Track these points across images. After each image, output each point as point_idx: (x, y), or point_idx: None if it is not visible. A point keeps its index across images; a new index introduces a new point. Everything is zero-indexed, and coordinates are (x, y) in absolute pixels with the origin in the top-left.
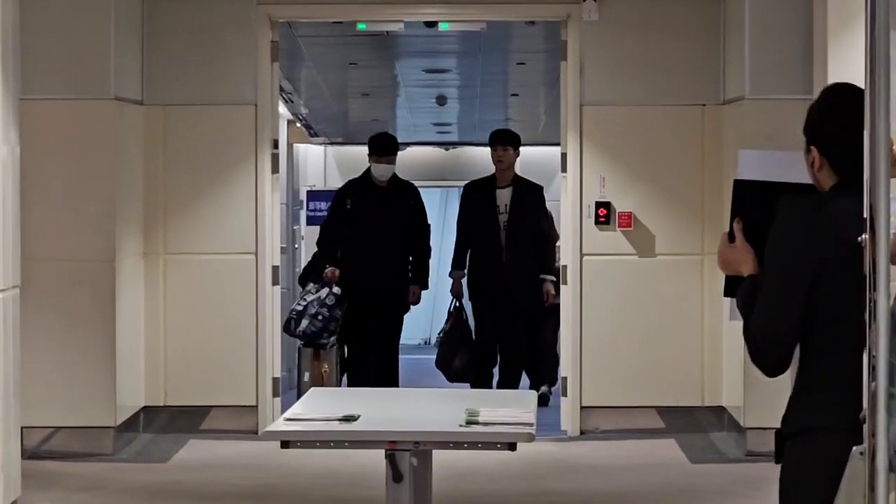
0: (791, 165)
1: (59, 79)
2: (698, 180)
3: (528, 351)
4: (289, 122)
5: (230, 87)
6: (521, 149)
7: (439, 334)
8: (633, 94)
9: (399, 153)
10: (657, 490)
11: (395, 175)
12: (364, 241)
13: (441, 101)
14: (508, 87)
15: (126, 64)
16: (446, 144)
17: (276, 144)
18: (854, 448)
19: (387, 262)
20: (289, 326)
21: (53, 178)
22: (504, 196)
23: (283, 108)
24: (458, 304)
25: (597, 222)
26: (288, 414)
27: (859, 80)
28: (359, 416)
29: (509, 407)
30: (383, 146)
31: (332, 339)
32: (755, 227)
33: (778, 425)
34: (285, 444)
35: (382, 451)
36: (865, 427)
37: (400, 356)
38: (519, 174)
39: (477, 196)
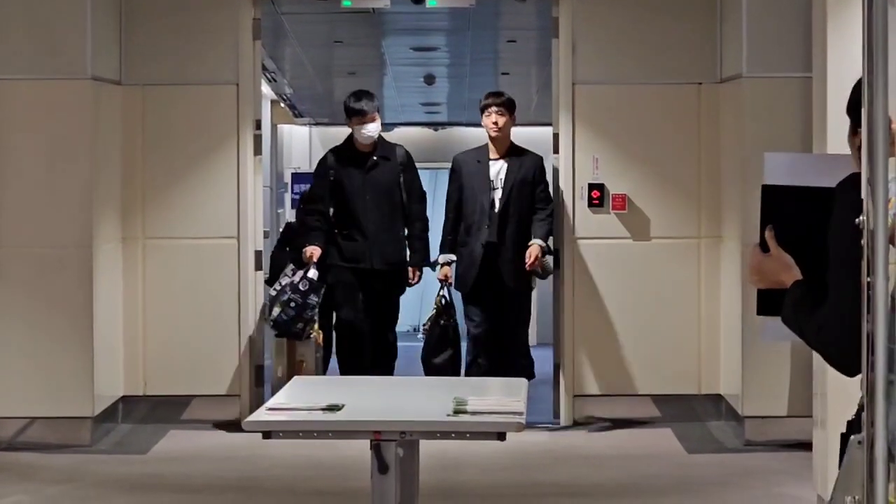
0: (823, 169)
1: (35, 58)
2: (694, 161)
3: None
4: (272, 102)
5: (211, 66)
6: (514, 129)
7: (424, 325)
8: (628, 72)
9: (386, 133)
10: (653, 481)
11: (381, 137)
12: (351, 215)
13: (429, 80)
14: (499, 66)
15: (103, 43)
16: (435, 125)
17: (258, 125)
18: (852, 437)
19: (380, 236)
20: (264, 313)
21: (28, 161)
22: (499, 169)
23: (266, 88)
24: (444, 294)
25: (590, 205)
26: (270, 403)
27: (858, 57)
28: (343, 406)
29: (499, 395)
30: (362, 111)
31: (308, 328)
32: (788, 235)
33: (778, 413)
34: (267, 435)
35: (368, 442)
36: (864, 415)
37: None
38: (516, 143)
39: (468, 170)
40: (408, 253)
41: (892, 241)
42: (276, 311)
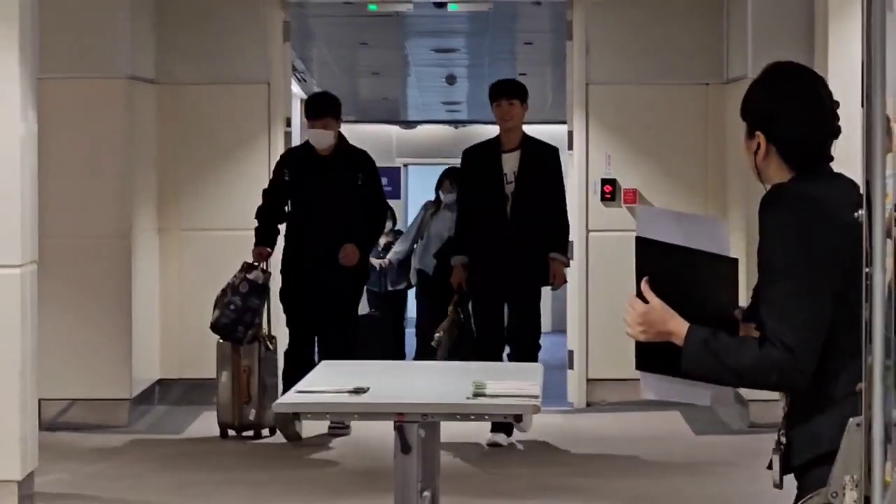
0: (694, 230)
1: (75, 58)
2: (701, 158)
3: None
4: (302, 100)
5: (243, 66)
6: (529, 127)
7: (437, 334)
8: (638, 73)
9: (407, 132)
10: (662, 461)
11: (343, 141)
12: (304, 220)
13: (450, 80)
14: (516, 67)
15: (140, 43)
16: (456, 122)
17: (288, 122)
18: (851, 419)
19: (328, 245)
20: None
21: (69, 155)
22: (511, 162)
23: (295, 87)
24: (457, 299)
25: (602, 199)
26: (299, 386)
27: (858, 58)
28: (368, 389)
29: (516, 379)
30: (316, 106)
31: (250, 332)
32: (661, 287)
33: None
34: (296, 416)
35: (391, 423)
36: (862, 399)
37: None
38: (529, 134)
39: (479, 163)
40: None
41: (889, 234)
42: (217, 313)
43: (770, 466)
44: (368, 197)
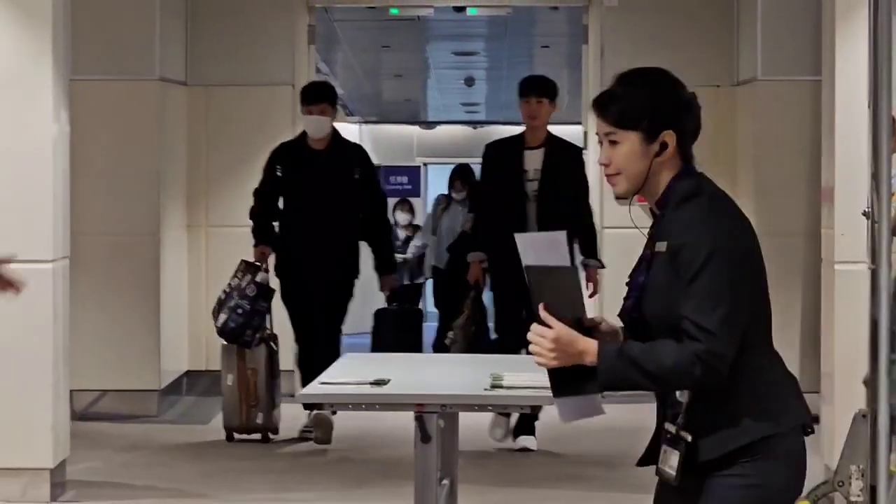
0: (551, 247)
1: (108, 60)
2: (711, 157)
3: None
4: None
5: (269, 68)
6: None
7: (450, 332)
8: None
9: (427, 132)
10: None
11: (338, 136)
12: (299, 217)
13: (469, 82)
14: (534, 69)
15: (171, 46)
16: (474, 123)
17: None
18: (857, 411)
19: (326, 241)
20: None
21: (101, 155)
22: (534, 159)
23: None
24: (473, 296)
25: (616, 197)
26: (322, 377)
27: (865, 61)
28: (389, 381)
29: (532, 372)
30: (312, 92)
31: (258, 335)
32: (553, 310)
33: None
34: (319, 407)
35: (411, 414)
36: (868, 392)
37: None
38: (553, 133)
39: (500, 159)
40: (361, 261)
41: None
42: (223, 317)
43: (644, 462)
44: (367, 193)
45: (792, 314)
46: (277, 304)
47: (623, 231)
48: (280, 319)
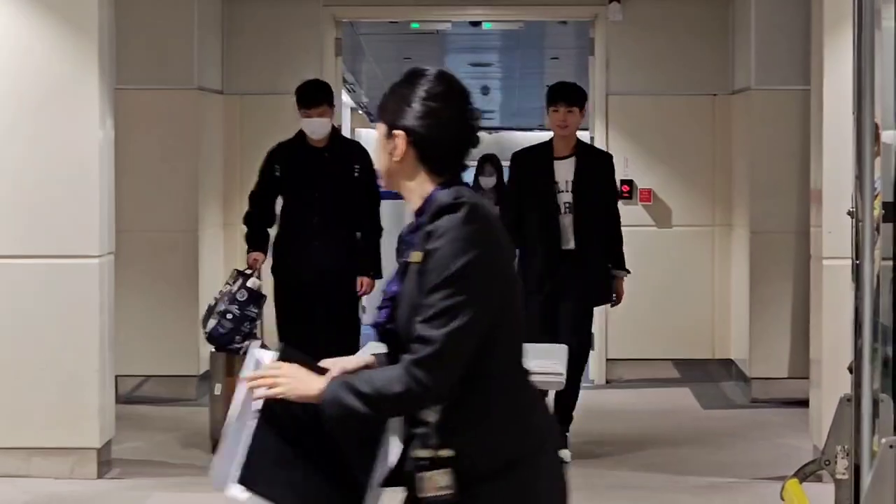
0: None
1: (149, 71)
2: (710, 161)
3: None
4: (352, 109)
5: (299, 78)
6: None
7: None
8: (653, 85)
9: None
10: (673, 432)
11: (337, 133)
12: (300, 217)
13: (485, 91)
14: (544, 79)
15: (208, 58)
16: (489, 129)
17: (338, 126)
18: (842, 395)
19: (327, 242)
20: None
21: (143, 158)
22: (565, 170)
23: (346, 97)
24: None
25: (621, 197)
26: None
27: (850, 72)
28: None
29: (541, 359)
30: (312, 94)
31: (248, 343)
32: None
33: (781, 375)
34: None
35: None
36: (852, 377)
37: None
38: (583, 141)
39: (529, 169)
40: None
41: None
42: (212, 322)
43: (392, 483)
44: (366, 190)
45: (783, 306)
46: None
47: (625, 229)
48: (268, 324)
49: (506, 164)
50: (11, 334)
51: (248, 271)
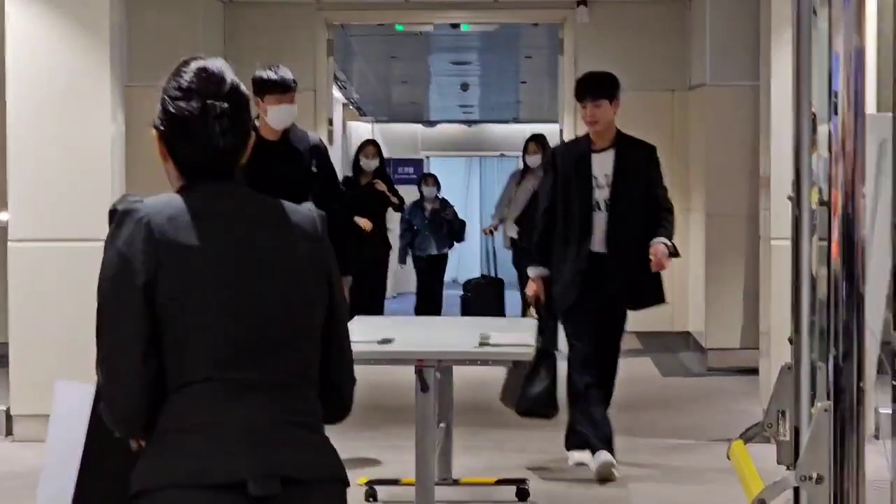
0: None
1: (158, 69)
2: (669, 151)
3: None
4: (343, 104)
5: (294, 76)
6: (531, 125)
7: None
8: None
9: (429, 129)
10: (636, 398)
11: (292, 126)
12: None
13: (465, 87)
14: (519, 76)
15: (211, 56)
16: (469, 122)
17: (330, 122)
18: (783, 364)
19: None
20: None
21: (152, 150)
22: (604, 163)
23: (337, 93)
24: (537, 315)
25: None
26: None
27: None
28: (394, 339)
29: (514, 332)
30: (285, 81)
31: None
32: None
33: (734, 346)
34: None
35: (413, 367)
36: (792, 348)
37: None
38: (622, 131)
39: (565, 165)
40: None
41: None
42: None
43: None
44: (324, 187)
45: (735, 283)
46: None
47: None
48: None
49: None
50: (34, 311)
51: None
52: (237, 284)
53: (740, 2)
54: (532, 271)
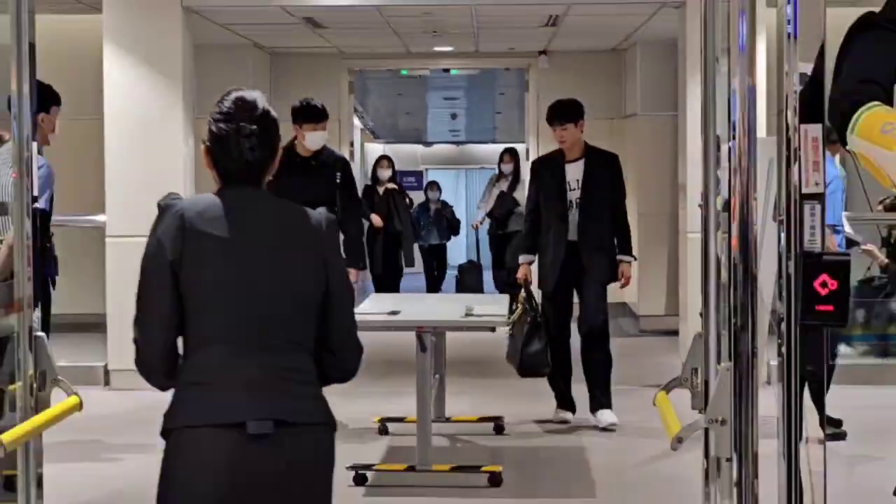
0: None
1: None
2: None
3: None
4: (361, 129)
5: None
6: (505, 144)
7: (509, 328)
8: None
9: (427, 148)
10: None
11: (323, 146)
12: None
13: (454, 116)
14: (495, 108)
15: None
16: (457, 142)
17: (352, 144)
18: (696, 333)
19: None
20: None
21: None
22: (575, 170)
23: (357, 122)
24: (526, 294)
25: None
26: (356, 310)
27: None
28: (400, 311)
29: (491, 306)
30: (318, 112)
31: None
32: None
33: (660, 313)
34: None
35: (414, 333)
36: (702, 320)
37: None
38: (591, 144)
39: (544, 173)
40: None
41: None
42: None
43: None
44: (346, 194)
45: (661, 265)
46: None
47: None
48: None
49: (476, 166)
50: (124, 290)
51: None
52: (244, 267)
53: (662, 52)
54: (521, 258)
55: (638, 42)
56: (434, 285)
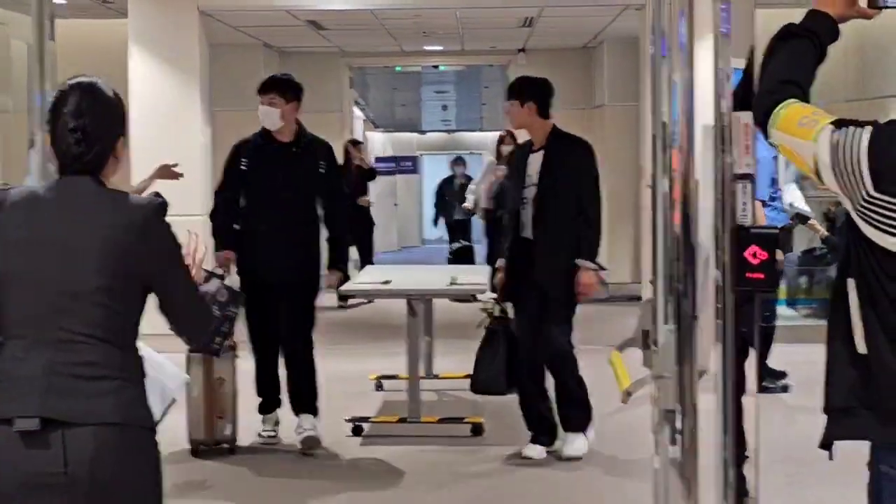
0: None
1: (233, 98)
2: None
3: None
4: (363, 120)
5: (327, 101)
6: (490, 132)
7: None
8: None
9: (419, 135)
10: None
11: (302, 129)
12: (263, 212)
13: (444, 108)
14: (481, 99)
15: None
16: (448, 131)
17: (352, 132)
18: (646, 298)
19: (292, 237)
20: None
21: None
22: (535, 162)
23: (359, 113)
24: (494, 300)
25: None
26: (357, 280)
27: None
28: (391, 281)
29: (472, 276)
30: (267, 83)
31: (227, 343)
32: None
33: (626, 281)
34: (350, 297)
35: (405, 300)
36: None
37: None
38: (560, 129)
39: (514, 161)
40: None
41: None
42: None
43: None
44: (331, 187)
45: (627, 237)
46: None
47: None
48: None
49: (465, 152)
50: None
51: (219, 271)
52: (35, 261)
53: (627, 49)
54: (499, 262)
55: (605, 40)
56: (459, 256)
